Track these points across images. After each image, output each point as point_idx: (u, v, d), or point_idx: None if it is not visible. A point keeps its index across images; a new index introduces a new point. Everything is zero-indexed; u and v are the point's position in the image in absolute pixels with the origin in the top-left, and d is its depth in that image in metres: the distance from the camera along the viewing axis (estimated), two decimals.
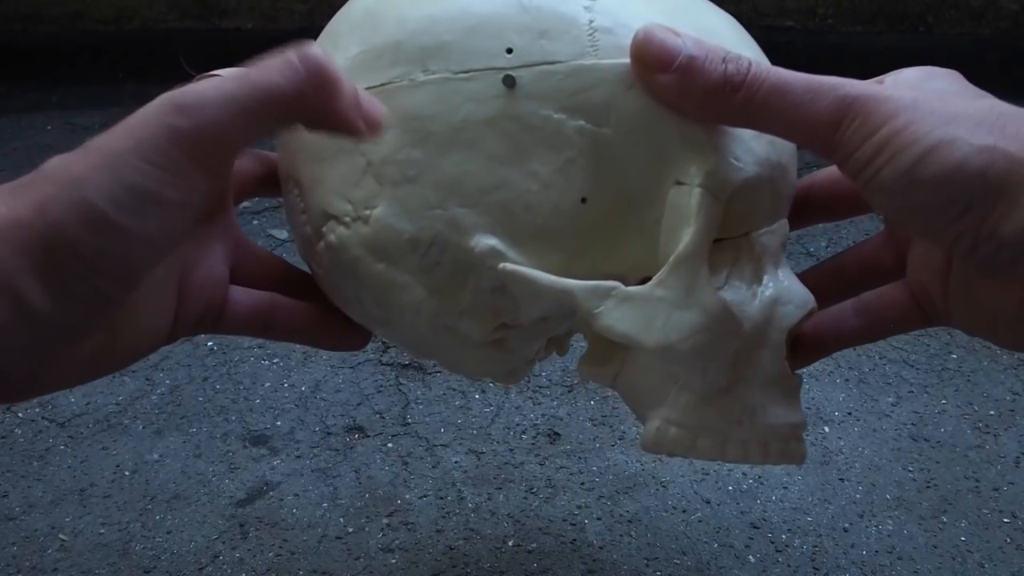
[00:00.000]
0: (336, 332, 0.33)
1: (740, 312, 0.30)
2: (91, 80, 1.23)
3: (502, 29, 0.28)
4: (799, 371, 0.33)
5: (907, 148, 0.24)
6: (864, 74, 0.31)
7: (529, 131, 0.28)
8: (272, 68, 0.25)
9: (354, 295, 0.31)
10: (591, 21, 0.28)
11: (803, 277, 0.34)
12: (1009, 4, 1.34)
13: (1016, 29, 1.35)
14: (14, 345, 0.24)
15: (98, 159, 0.24)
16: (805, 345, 0.34)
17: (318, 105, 0.25)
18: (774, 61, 0.28)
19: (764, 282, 0.31)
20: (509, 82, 0.28)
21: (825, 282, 0.35)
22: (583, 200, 0.28)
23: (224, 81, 0.25)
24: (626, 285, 0.29)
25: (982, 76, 0.30)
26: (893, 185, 0.25)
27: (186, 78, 0.29)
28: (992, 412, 0.60)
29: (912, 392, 0.62)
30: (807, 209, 0.35)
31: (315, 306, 0.33)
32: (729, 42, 0.29)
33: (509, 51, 0.28)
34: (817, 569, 0.47)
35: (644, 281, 0.29)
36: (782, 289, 0.31)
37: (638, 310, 0.28)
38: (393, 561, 0.48)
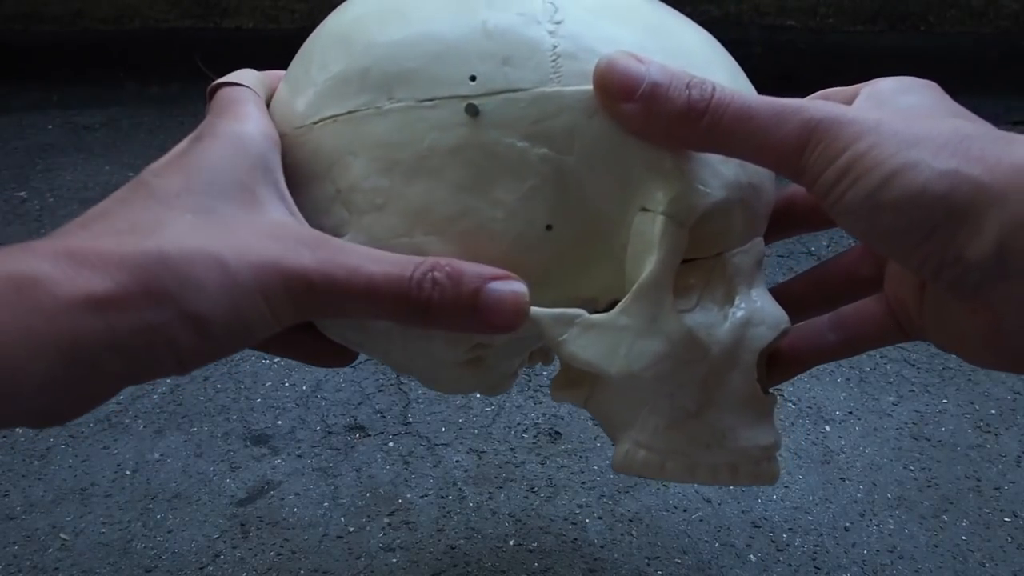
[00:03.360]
0: (324, 349, 0.33)
1: (708, 336, 0.29)
2: (92, 79, 1.23)
3: (466, 56, 0.28)
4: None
5: (869, 172, 0.24)
6: (864, 73, 0.31)
7: (493, 159, 0.28)
8: (425, 284, 0.26)
9: (329, 320, 0.31)
10: (555, 47, 0.28)
11: (785, 287, 0.34)
12: (1010, 3, 1.34)
13: (1017, 28, 1.35)
14: (73, 396, 0.24)
15: (222, 277, 0.24)
16: (782, 362, 0.34)
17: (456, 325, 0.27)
18: (775, 60, 0.28)
19: (736, 303, 0.30)
20: (472, 111, 0.27)
21: (806, 293, 0.34)
22: (548, 227, 0.28)
23: (375, 275, 0.26)
24: (597, 308, 0.29)
25: (983, 75, 0.30)
26: (857, 209, 0.25)
27: (202, 79, 0.29)
28: (993, 411, 0.60)
29: (913, 391, 0.62)
30: (788, 220, 0.34)
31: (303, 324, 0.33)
32: (701, 62, 0.29)
33: (472, 79, 0.28)
34: (818, 568, 0.47)
35: (615, 304, 0.29)
36: (754, 310, 0.31)
37: (602, 338, 0.28)
38: (394, 560, 0.48)
